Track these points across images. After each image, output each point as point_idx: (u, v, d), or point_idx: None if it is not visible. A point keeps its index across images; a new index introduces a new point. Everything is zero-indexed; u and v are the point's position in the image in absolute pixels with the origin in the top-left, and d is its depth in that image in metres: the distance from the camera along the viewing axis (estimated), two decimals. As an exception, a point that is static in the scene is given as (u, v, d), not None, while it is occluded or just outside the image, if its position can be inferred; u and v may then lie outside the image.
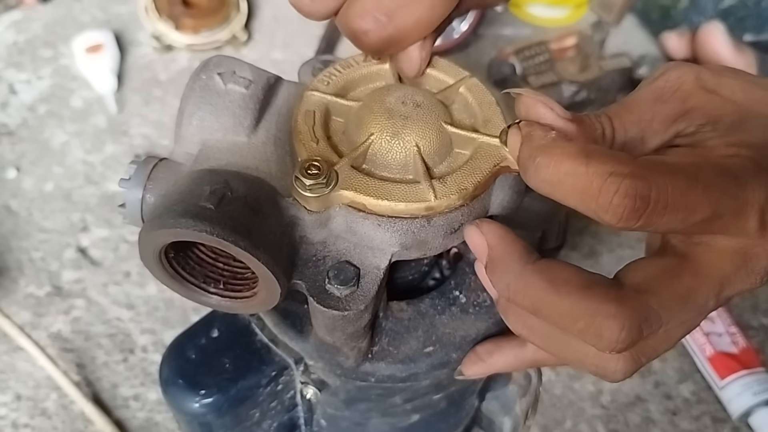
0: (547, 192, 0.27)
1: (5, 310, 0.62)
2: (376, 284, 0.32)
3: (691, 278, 0.28)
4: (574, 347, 0.29)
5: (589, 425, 0.61)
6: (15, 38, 0.84)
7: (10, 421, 0.59)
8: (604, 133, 0.29)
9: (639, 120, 0.30)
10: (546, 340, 0.30)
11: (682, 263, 0.28)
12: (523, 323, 0.30)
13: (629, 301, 0.27)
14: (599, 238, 0.72)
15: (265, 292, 0.31)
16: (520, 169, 0.28)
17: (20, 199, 0.72)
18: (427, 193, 0.31)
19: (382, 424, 0.43)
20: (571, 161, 0.26)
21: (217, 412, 0.39)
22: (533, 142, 0.28)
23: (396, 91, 0.34)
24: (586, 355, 0.29)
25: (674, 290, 0.27)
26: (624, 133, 0.29)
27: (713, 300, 0.28)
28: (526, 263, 0.28)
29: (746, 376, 0.61)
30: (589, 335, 0.26)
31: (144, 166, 0.33)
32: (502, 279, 0.29)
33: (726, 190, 0.26)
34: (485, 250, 0.30)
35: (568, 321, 0.27)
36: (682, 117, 0.29)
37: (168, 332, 0.64)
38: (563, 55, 0.81)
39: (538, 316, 0.28)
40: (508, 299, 0.29)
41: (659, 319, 0.27)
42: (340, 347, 0.35)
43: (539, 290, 0.28)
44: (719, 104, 0.29)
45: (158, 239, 0.30)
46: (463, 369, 0.38)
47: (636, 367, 0.29)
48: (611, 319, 0.26)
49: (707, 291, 0.28)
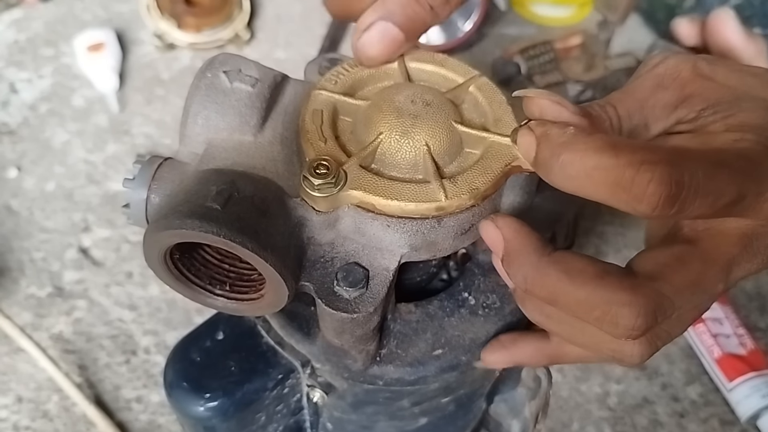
0: (574, 189, 0.27)
1: (6, 311, 0.61)
2: (386, 286, 0.32)
3: (700, 263, 0.28)
4: (590, 333, 0.29)
5: (596, 427, 0.61)
6: (16, 37, 0.84)
7: (11, 424, 0.58)
8: (612, 122, 0.30)
9: (642, 107, 0.30)
10: (562, 326, 0.30)
11: (691, 249, 0.29)
12: (541, 312, 0.30)
13: (643, 289, 0.27)
14: (605, 239, 0.71)
15: (272, 294, 0.31)
16: (540, 169, 0.28)
17: (21, 199, 0.71)
18: (437, 193, 0.31)
19: (389, 427, 0.42)
20: (598, 155, 0.26)
21: (223, 416, 0.38)
22: (553, 140, 0.27)
23: (405, 90, 0.33)
24: (602, 341, 0.29)
25: (685, 276, 0.28)
26: (629, 120, 0.30)
27: (722, 282, 0.28)
28: (542, 255, 0.29)
29: (755, 378, 0.60)
30: (605, 323, 0.27)
31: (148, 165, 0.32)
32: (519, 271, 0.29)
33: (748, 173, 0.27)
34: (501, 243, 0.30)
35: (584, 310, 0.27)
36: (682, 103, 0.30)
37: (171, 333, 0.63)
38: (568, 55, 0.80)
39: (555, 306, 0.28)
40: (525, 291, 0.29)
41: (672, 305, 0.27)
42: (347, 350, 0.35)
43: (555, 281, 0.28)
44: (716, 89, 0.30)
45: (164, 240, 0.29)
46: (484, 356, 0.37)
47: (652, 350, 0.29)
48: (626, 307, 0.26)
49: (716, 274, 0.28)
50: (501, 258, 0.30)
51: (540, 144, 0.28)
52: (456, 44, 0.83)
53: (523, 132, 0.29)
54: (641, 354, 0.29)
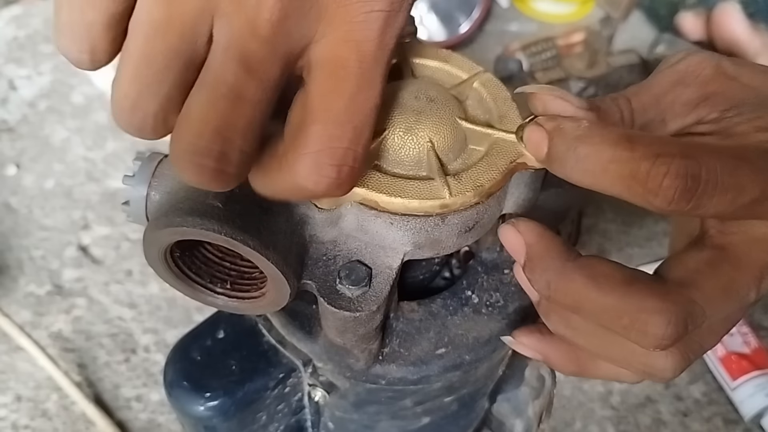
0: (590, 183, 0.26)
1: (5, 309, 0.61)
2: (389, 284, 0.31)
3: (731, 270, 0.27)
4: (620, 346, 0.28)
5: (599, 426, 0.60)
6: (15, 33, 0.84)
7: (10, 423, 0.58)
8: (623, 115, 0.29)
9: (659, 101, 0.29)
10: (590, 339, 0.29)
11: (721, 255, 0.27)
12: (566, 323, 0.29)
13: (673, 296, 0.26)
14: (608, 237, 0.71)
15: (274, 292, 0.30)
16: (555, 164, 0.28)
17: (20, 197, 0.71)
18: (441, 191, 0.30)
19: (391, 427, 0.42)
20: (613, 148, 0.25)
21: (224, 416, 0.38)
22: (567, 134, 0.27)
23: (408, 86, 0.33)
24: (632, 354, 0.28)
25: (716, 283, 0.27)
26: (643, 113, 0.29)
27: (754, 290, 0.27)
28: (566, 260, 0.27)
29: (759, 376, 0.60)
30: (633, 332, 0.26)
31: (149, 162, 0.32)
32: (542, 277, 0.28)
33: None
34: (523, 248, 0.29)
35: (611, 318, 0.26)
36: (704, 102, 0.29)
37: (171, 332, 0.63)
38: (570, 51, 0.80)
39: (581, 314, 0.27)
40: (548, 298, 0.28)
41: (703, 314, 0.26)
42: (350, 349, 0.34)
43: (581, 287, 0.27)
44: (740, 90, 0.29)
45: (164, 238, 0.29)
46: (517, 335, 0.34)
47: (685, 364, 0.28)
48: (656, 315, 0.25)
49: (748, 281, 0.27)
50: (523, 264, 0.29)
51: (554, 138, 0.27)
52: (457, 41, 0.83)
53: (531, 128, 0.29)
54: (674, 368, 0.28)
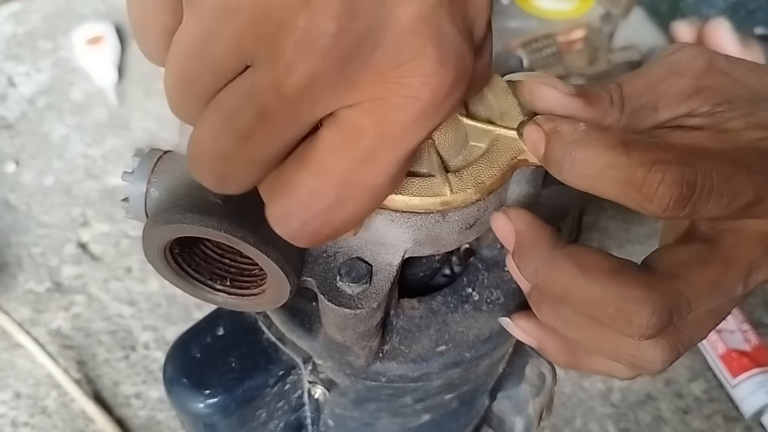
0: (586, 187, 0.26)
1: (4, 306, 0.61)
2: (389, 281, 0.31)
3: (720, 263, 0.27)
4: (609, 337, 0.28)
5: (599, 424, 0.60)
6: (14, 30, 0.83)
7: (9, 420, 0.58)
8: (612, 100, 0.29)
9: (652, 89, 0.29)
10: (580, 331, 0.29)
11: (711, 249, 0.28)
12: (557, 315, 0.29)
13: (659, 287, 0.26)
14: (608, 234, 0.71)
15: (274, 289, 0.30)
16: (552, 166, 0.28)
17: (19, 194, 0.71)
18: (442, 188, 0.30)
19: (391, 424, 0.42)
20: (610, 153, 0.25)
21: (223, 413, 0.38)
22: (564, 137, 0.27)
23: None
24: (622, 345, 0.28)
25: (704, 276, 0.27)
26: (635, 99, 0.29)
27: (742, 285, 0.27)
28: (555, 248, 0.28)
29: (759, 374, 0.60)
30: (618, 320, 0.26)
31: (148, 159, 0.32)
32: (530, 264, 0.28)
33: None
34: (512, 236, 0.29)
35: (597, 306, 0.26)
36: (696, 94, 0.29)
37: (170, 329, 0.63)
38: (571, 48, 0.79)
39: (568, 302, 0.27)
40: (536, 286, 0.29)
41: (689, 306, 0.26)
42: (350, 346, 0.34)
43: (568, 275, 0.27)
44: (732, 85, 0.29)
45: (163, 235, 0.28)
46: (516, 318, 0.34)
47: (674, 356, 0.28)
48: (641, 304, 0.25)
49: (736, 276, 0.27)
50: (512, 251, 0.29)
51: (550, 141, 0.27)
52: (458, 38, 0.83)
53: (530, 127, 0.29)
54: (663, 360, 0.28)
